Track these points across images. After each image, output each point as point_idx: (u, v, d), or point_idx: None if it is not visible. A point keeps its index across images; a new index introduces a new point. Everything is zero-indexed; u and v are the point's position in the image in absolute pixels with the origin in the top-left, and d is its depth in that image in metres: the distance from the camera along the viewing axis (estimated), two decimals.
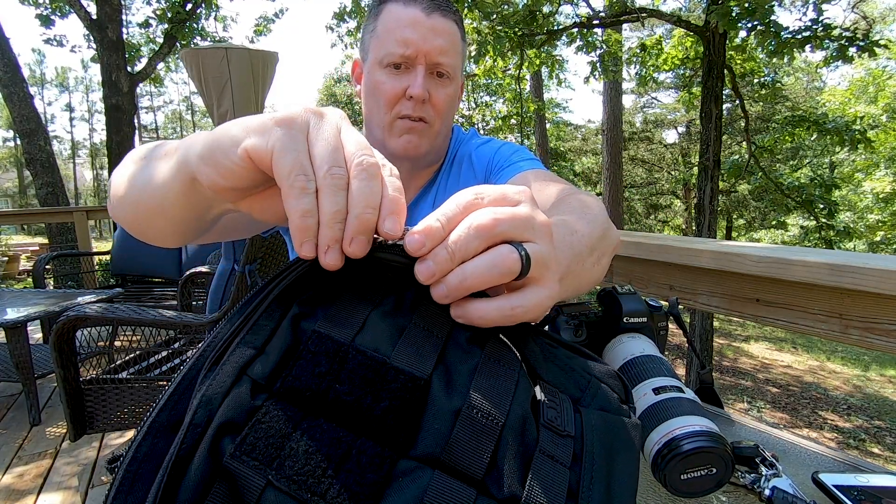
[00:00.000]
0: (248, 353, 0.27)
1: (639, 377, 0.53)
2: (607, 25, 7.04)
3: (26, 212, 7.52)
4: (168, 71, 12.73)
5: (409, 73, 0.73)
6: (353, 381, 0.27)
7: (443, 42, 0.72)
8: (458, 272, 0.27)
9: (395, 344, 0.29)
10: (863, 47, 4.74)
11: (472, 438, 0.27)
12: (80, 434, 1.72)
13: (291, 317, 0.29)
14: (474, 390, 0.28)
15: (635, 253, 1.22)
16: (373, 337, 0.28)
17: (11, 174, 32.93)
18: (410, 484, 0.25)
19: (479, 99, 17.00)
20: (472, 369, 0.29)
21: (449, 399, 0.28)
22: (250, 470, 0.24)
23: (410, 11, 0.71)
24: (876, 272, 0.78)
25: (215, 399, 0.26)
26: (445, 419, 0.27)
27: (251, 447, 0.25)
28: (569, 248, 0.45)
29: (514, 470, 0.27)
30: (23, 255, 11.24)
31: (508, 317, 0.29)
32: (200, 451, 0.25)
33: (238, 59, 3.65)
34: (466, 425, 0.27)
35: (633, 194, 18.77)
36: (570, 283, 0.45)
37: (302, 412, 0.26)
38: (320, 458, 0.25)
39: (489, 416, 0.28)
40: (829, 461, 0.54)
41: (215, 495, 0.24)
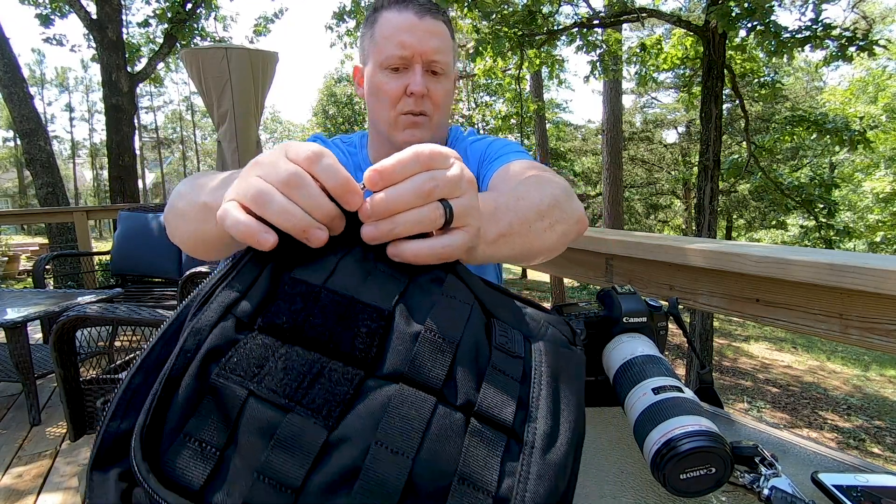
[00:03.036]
0: (233, 295, 0.32)
1: (639, 377, 0.53)
2: (607, 25, 7.04)
3: (26, 212, 7.52)
4: (168, 71, 12.74)
5: (408, 72, 0.79)
6: (326, 315, 0.32)
7: (436, 42, 0.79)
8: (389, 221, 0.35)
9: (362, 285, 0.34)
10: (862, 47, 4.74)
11: (430, 355, 0.31)
12: (80, 434, 1.72)
13: (271, 268, 0.34)
14: (432, 318, 0.33)
15: (635, 253, 1.22)
16: (343, 279, 0.34)
17: (11, 174, 32.92)
18: (378, 394, 0.29)
19: (479, 99, 17.00)
20: (431, 304, 0.34)
21: (409, 326, 0.32)
22: (234, 384, 0.28)
23: (404, 16, 0.78)
24: (876, 272, 0.78)
25: (204, 330, 0.30)
26: (407, 342, 0.32)
27: (235, 366, 0.29)
28: (513, 211, 0.52)
29: (469, 382, 0.32)
30: (23, 255, 11.24)
31: (437, 254, 0.36)
32: (190, 372, 0.28)
33: (238, 59, 3.65)
34: (426, 344, 0.32)
35: (633, 194, 18.76)
36: (517, 242, 0.52)
37: (280, 341, 0.30)
38: (296, 374, 0.29)
39: (445, 336, 0.33)
40: (829, 461, 0.54)
41: (204, 409, 0.28)
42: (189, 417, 0.27)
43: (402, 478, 0.26)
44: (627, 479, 0.51)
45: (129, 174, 6.56)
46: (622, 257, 1.29)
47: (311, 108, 25.72)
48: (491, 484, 0.28)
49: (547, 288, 14.30)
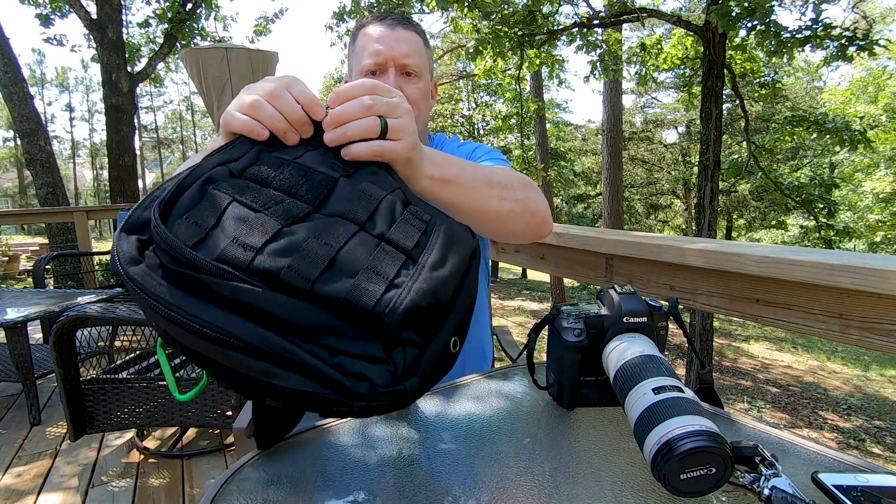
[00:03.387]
0: (227, 156, 0.48)
1: (638, 377, 0.53)
2: (607, 25, 7.04)
3: (26, 212, 7.51)
4: (168, 71, 12.72)
5: (384, 76, 0.90)
6: (291, 175, 0.47)
7: (406, 48, 0.90)
8: (342, 128, 0.49)
9: (320, 166, 0.48)
10: (863, 47, 4.74)
11: (359, 202, 0.46)
12: (80, 434, 1.72)
13: (258, 149, 0.49)
14: (363, 186, 0.48)
15: (635, 253, 1.22)
16: (308, 159, 0.49)
17: (11, 174, 32.91)
18: (320, 220, 0.44)
19: (479, 99, 17.00)
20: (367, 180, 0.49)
21: (348, 187, 0.47)
22: (224, 194, 0.43)
23: (378, 28, 0.90)
24: (876, 272, 0.78)
25: (206, 168, 0.46)
26: (344, 195, 0.47)
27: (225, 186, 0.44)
28: (462, 168, 0.63)
29: (384, 224, 0.45)
30: (23, 255, 11.23)
31: (373, 152, 0.50)
32: (194, 186, 0.44)
33: (238, 59, 3.65)
34: (356, 196, 0.47)
35: (633, 194, 18.76)
36: (460, 193, 0.62)
37: (257, 185, 0.45)
38: (267, 199, 0.44)
39: (372, 194, 0.47)
40: (829, 461, 0.54)
41: (200, 205, 0.42)
42: (190, 209, 0.42)
43: (327, 257, 0.40)
44: (627, 479, 0.51)
45: (129, 174, 6.56)
46: (622, 257, 1.29)
47: None
48: (389, 276, 0.41)
49: (547, 288, 14.30)
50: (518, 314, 11.69)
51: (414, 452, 0.57)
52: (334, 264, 0.40)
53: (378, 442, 0.60)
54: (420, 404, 0.70)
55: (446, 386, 0.77)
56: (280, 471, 0.54)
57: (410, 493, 0.49)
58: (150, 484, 1.86)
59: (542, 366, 0.74)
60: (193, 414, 1.76)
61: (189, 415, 1.76)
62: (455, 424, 0.64)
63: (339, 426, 0.64)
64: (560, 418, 0.66)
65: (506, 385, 0.77)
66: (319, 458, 0.56)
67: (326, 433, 0.62)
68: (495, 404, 0.70)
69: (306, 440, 0.61)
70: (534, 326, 0.70)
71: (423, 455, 0.57)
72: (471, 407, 0.69)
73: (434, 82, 0.99)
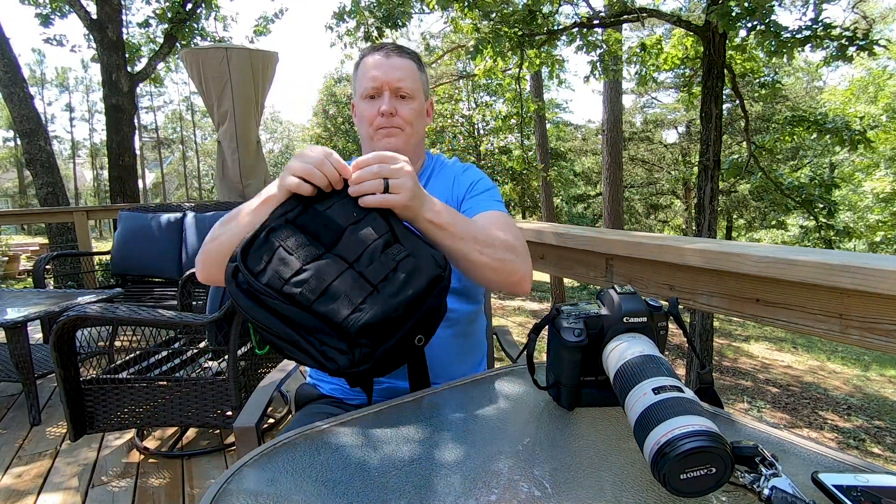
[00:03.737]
0: (285, 209, 0.75)
1: (639, 377, 0.53)
2: (607, 25, 7.04)
3: (26, 212, 7.52)
4: (168, 71, 12.71)
5: (380, 99, 1.02)
6: (320, 223, 0.73)
7: (400, 73, 1.02)
8: (357, 187, 0.73)
9: (341, 215, 0.74)
10: (863, 47, 4.74)
11: (354, 246, 0.71)
12: (80, 434, 1.72)
13: (305, 202, 0.75)
14: (363, 231, 0.72)
15: (635, 253, 1.22)
16: (335, 209, 0.74)
17: (11, 174, 32.89)
18: (327, 259, 0.70)
19: (479, 99, 16.99)
20: (364, 226, 0.73)
21: (351, 235, 0.72)
22: (276, 240, 0.71)
23: (376, 57, 1.03)
24: (876, 272, 0.78)
25: (271, 220, 0.74)
26: (346, 240, 0.72)
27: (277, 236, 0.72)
28: (455, 222, 0.82)
29: (366, 263, 0.70)
30: (23, 255, 11.23)
31: (379, 203, 0.73)
32: (262, 234, 0.72)
33: (238, 59, 3.65)
34: (353, 242, 0.71)
35: (633, 194, 18.76)
36: (447, 238, 0.80)
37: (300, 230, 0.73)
38: (297, 243, 0.71)
39: (365, 239, 0.71)
40: (829, 461, 0.54)
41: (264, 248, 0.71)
42: (258, 249, 0.71)
43: (322, 288, 0.67)
44: (627, 479, 0.51)
45: (129, 174, 6.56)
46: (622, 257, 1.29)
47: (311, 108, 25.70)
48: (356, 302, 0.66)
49: (547, 288, 14.30)
50: (518, 314, 11.69)
51: (414, 452, 0.57)
52: (326, 292, 0.67)
53: (378, 442, 0.60)
54: (420, 404, 0.70)
55: (446, 386, 0.77)
56: (280, 471, 0.54)
57: (410, 493, 0.49)
58: (150, 484, 1.86)
59: (542, 366, 0.74)
60: (193, 414, 1.76)
61: (189, 415, 1.76)
62: (455, 424, 0.64)
63: (338, 426, 0.64)
64: (560, 418, 0.66)
65: (506, 385, 0.77)
66: (319, 458, 0.56)
67: (326, 433, 0.62)
68: (495, 404, 0.70)
69: (306, 440, 0.61)
70: (534, 326, 0.70)
71: (423, 455, 0.57)
72: (471, 407, 0.69)
73: (430, 101, 1.11)
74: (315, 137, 22.01)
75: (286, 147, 36.73)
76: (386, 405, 0.70)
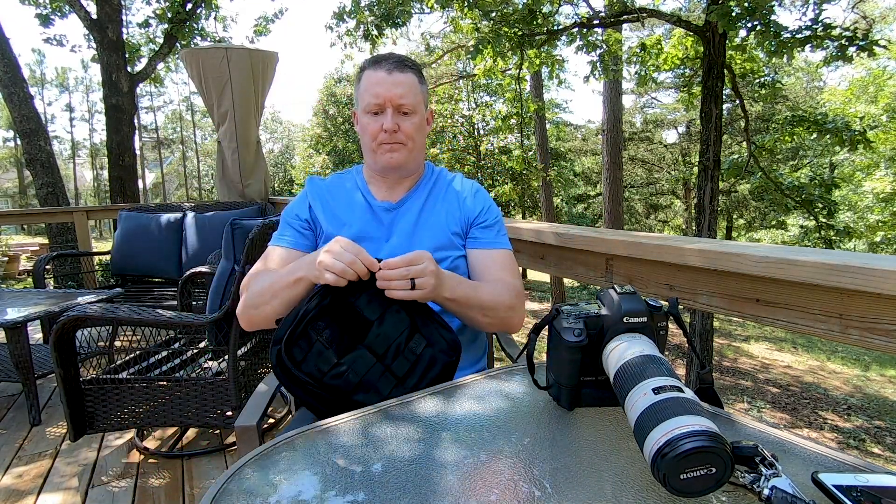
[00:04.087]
0: (319, 301, 0.88)
1: (639, 377, 0.53)
2: (607, 25, 7.04)
3: (26, 212, 7.51)
4: (168, 71, 12.70)
5: (383, 115, 1.06)
6: (347, 315, 0.88)
7: (402, 90, 1.05)
8: (387, 282, 0.85)
9: (367, 306, 0.88)
10: (862, 47, 4.74)
11: (381, 342, 0.87)
12: (80, 434, 1.72)
13: (333, 293, 0.88)
14: (385, 326, 0.88)
15: (635, 253, 1.22)
16: (362, 300, 0.88)
17: (11, 174, 32.88)
18: (360, 352, 0.86)
19: (479, 99, 16.99)
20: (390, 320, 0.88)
21: (377, 329, 0.87)
22: (314, 332, 0.86)
23: (378, 73, 1.05)
24: (876, 272, 0.78)
25: (309, 309, 0.87)
26: (373, 336, 0.87)
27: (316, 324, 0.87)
28: (468, 296, 0.97)
29: (392, 357, 0.87)
30: (23, 255, 11.23)
31: (403, 297, 0.86)
32: (302, 325, 0.87)
33: (238, 59, 3.65)
34: (381, 338, 0.87)
35: (633, 194, 18.75)
36: (461, 309, 0.97)
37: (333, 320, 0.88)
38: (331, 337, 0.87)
39: (389, 335, 0.88)
40: (829, 461, 0.54)
41: (302, 341, 0.86)
42: (298, 340, 0.86)
43: (356, 381, 0.85)
44: (627, 479, 0.51)
45: (129, 174, 6.55)
46: (622, 257, 1.29)
47: (311, 108, 25.70)
48: (384, 394, 0.85)
49: (547, 288, 14.30)
50: None
51: (414, 452, 0.57)
52: (361, 385, 0.84)
53: (378, 442, 0.60)
54: (420, 404, 0.70)
55: (446, 386, 0.77)
56: (280, 471, 0.54)
57: (410, 493, 0.49)
58: (150, 484, 1.86)
59: (542, 366, 0.74)
60: (193, 414, 1.76)
61: (189, 415, 1.76)
62: (455, 424, 0.64)
63: (339, 426, 0.64)
64: (560, 418, 0.66)
65: (506, 385, 0.77)
66: (319, 458, 0.56)
67: (326, 433, 0.62)
68: (495, 404, 0.70)
69: (306, 440, 0.61)
70: (534, 326, 0.70)
71: (423, 455, 0.57)
72: (471, 407, 0.69)
73: (429, 111, 1.16)
74: (315, 137, 22.00)
75: (286, 147, 36.73)
76: (386, 405, 0.70)
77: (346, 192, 1.15)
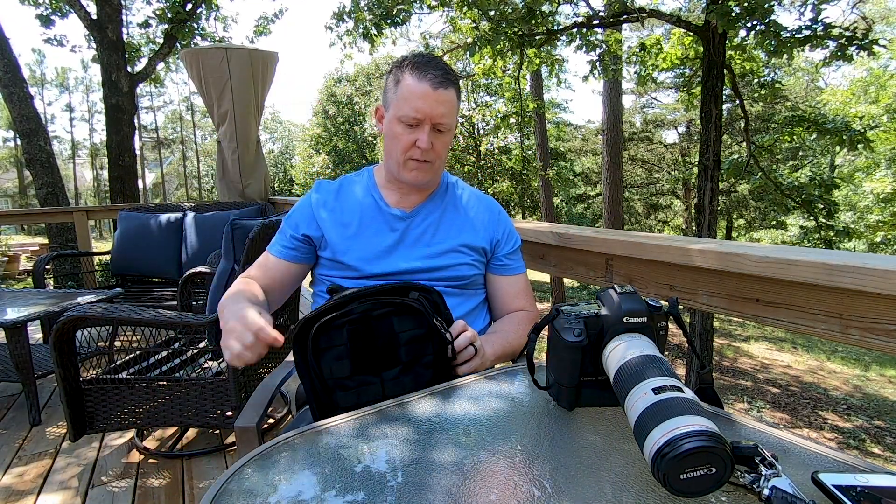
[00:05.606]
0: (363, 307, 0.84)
1: (639, 377, 0.53)
2: (607, 25, 7.04)
3: (26, 212, 7.52)
4: (168, 71, 12.72)
5: (419, 129, 1.02)
6: (385, 340, 0.85)
7: (444, 109, 1.01)
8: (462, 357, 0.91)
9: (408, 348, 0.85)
10: (862, 47, 4.74)
11: (396, 389, 0.82)
12: (80, 434, 1.72)
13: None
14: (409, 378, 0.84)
15: (635, 253, 1.22)
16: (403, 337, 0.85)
17: (11, 174, 32.87)
18: (368, 380, 0.84)
19: (478, 99, 16.99)
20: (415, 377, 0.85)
21: (400, 375, 0.84)
22: (346, 331, 0.82)
23: (423, 86, 1.00)
24: (876, 272, 0.78)
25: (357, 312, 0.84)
26: (394, 380, 0.84)
27: (357, 323, 0.83)
28: (503, 349, 1.03)
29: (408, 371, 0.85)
30: (23, 255, 11.23)
31: (476, 367, 0.91)
32: (343, 321, 0.82)
33: (238, 59, 3.65)
34: (399, 385, 0.83)
35: (633, 194, 18.74)
36: (499, 358, 1.01)
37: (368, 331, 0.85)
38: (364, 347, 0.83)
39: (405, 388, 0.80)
40: (829, 461, 0.54)
41: (335, 329, 0.82)
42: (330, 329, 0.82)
43: (352, 402, 0.80)
44: (627, 479, 0.51)
45: (129, 174, 6.55)
46: (622, 257, 1.29)
47: (311, 108, 25.70)
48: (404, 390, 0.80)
49: (547, 288, 14.29)
50: None
51: (414, 452, 0.57)
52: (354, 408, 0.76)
53: (378, 442, 0.60)
54: (420, 405, 0.70)
55: (446, 386, 0.77)
56: (280, 471, 0.54)
57: (410, 493, 0.49)
58: (150, 484, 1.86)
59: (542, 366, 0.74)
60: (193, 414, 1.76)
61: (189, 415, 1.76)
62: (455, 424, 0.64)
63: (339, 426, 0.64)
64: (560, 418, 0.66)
65: (506, 385, 0.77)
66: (319, 458, 0.56)
67: (326, 433, 0.62)
68: (495, 404, 0.70)
69: (306, 440, 0.61)
70: (534, 326, 0.70)
71: (423, 455, 0.57)
72: (471, 407, 0.69)
73: (455, 122, 1.13)
74: (315, 137, 22.00)
75: (286, 147, 36.73)
76: (386, 405, 0.70)
77: (356, 197, 1.13)
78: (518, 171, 14.35)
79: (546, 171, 11.89)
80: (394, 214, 1.10)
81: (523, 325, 1.11)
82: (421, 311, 0.84)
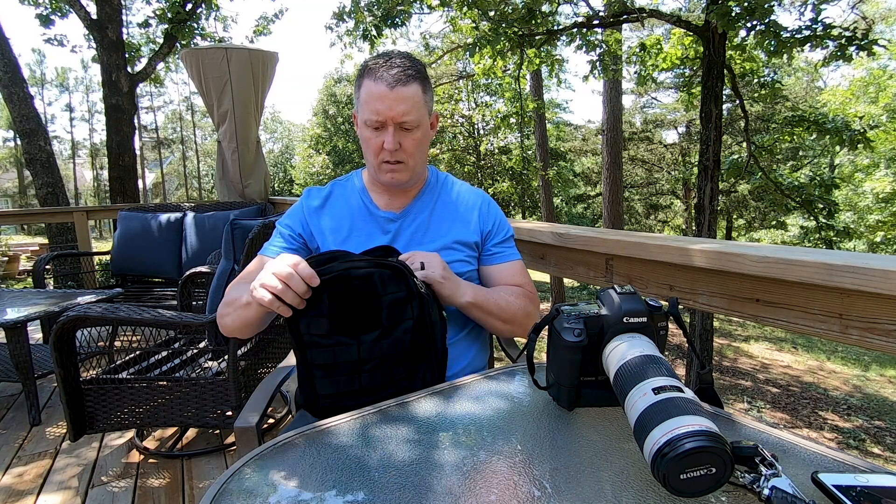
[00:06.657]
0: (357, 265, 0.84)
1: (639, 377, 0.53)
2: (607, 25, 7.03)
3: (26, 212, 7.51)
4: (168, 71, 12.69)
5: (384, 131, 1.01)
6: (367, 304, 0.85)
7: (404, 107, 0.99)
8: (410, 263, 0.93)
9: (391, 310, 0.86)
10: (862, 47, 4.74)
11: (373, 351, 0.85)
12: (80, 434, 1.72)
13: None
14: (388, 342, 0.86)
15: (635, 253, 1.22)
16: (386, 300, 0.86)
17: (11, 174, 32.88)
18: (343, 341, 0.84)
19: (478, 99, 16.99)
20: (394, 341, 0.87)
21: (379, 338, 0.85)
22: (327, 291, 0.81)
23: (379, 87, 0.98)
24: (876, 272, 0.78)
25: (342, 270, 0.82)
26: (373, 342, 0.85)
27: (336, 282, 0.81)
28: (487, 301, 1.02)
29: (372, 368, 0.85)
30: (23, 255, 11.23)
31: (421, 275, 0.93)
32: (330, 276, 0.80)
33: (238, 59, 3.65)
34: (376, 348, 0.85)
35: (633, 194, 18.74)
36: (480, 315, 1.02)
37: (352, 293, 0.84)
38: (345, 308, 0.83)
39: (382, 351, 0.85)
40: (829, 461, 0.54)
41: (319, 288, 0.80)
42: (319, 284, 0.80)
43: (328, 361, 0.84)
44: (627, 479, 0.51)
45: (129, 174, 6.55)
46: (622, 257, 1.29)
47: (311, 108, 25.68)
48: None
49: (547, 288, 14.29)
50: None
51: (414, 452, 0.57)
52: (328, 367, 0.85)
53: (378, 442, 0.60)
54: (420, 404, 0.70)
55: (446, 386, 0.77)
56: (280, 471, 0.54)
57: (410, 493, 0.49)
58: (150, 484, 1.86)
59: (542, 366, 0.74)
60: (193, 414, 1.76)
61: (189, 415, 1.76)
62: (455, 424, 0.64)
63: (338, 426, 0.64)
64: (560, 418, 0.66)
65: (506, 385, 0.77)
66: (319, 458, 0.56)
67: (326, 433, 0.62)
68: (495, 404, 0.70)
69: (306, 440, 0.61)
70: (534, 326, 0.70)
71: (423, 455, 0.57)
72: (471, 407, 0.69)
73: (434, 115, 1.11)
74: (315, 137, 21.99)
75: (286, 147, 36.72)
76: (386, 405, 0.70)
77: (346, 201, 1.13)
78: (518, 171, 14.35)
79: (546, 171, 11.88)
80: (385, 217, 1.10)
81: (516, 296, 1.07)
82: (403, 272, 0.85)
